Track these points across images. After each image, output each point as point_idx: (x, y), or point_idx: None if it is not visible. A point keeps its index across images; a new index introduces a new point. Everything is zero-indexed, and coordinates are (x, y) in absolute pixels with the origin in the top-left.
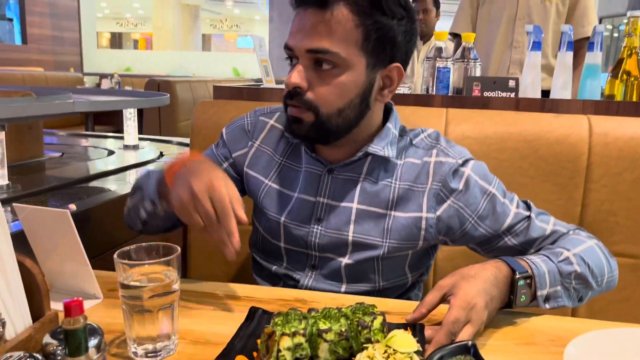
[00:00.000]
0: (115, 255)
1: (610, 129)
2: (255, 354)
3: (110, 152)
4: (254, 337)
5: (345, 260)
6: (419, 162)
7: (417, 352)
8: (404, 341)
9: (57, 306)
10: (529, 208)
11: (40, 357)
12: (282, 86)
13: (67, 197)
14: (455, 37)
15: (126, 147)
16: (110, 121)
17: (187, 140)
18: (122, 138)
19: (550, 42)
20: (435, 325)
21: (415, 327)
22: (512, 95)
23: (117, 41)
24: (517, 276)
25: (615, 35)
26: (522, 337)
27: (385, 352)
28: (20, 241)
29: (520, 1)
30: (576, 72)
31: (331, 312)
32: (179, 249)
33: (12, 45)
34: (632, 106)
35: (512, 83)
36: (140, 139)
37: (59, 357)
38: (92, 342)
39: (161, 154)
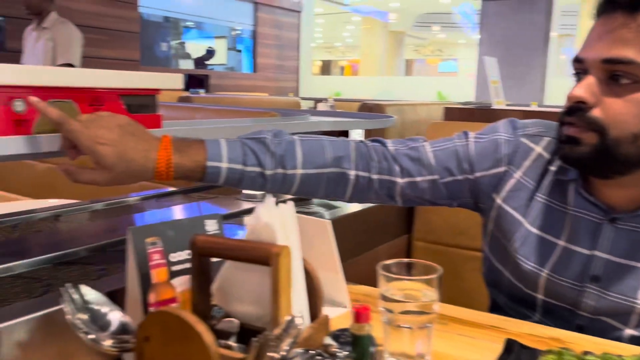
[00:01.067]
0: (378, 267)
1: None
2: None
3: None
4: None
5: (631, 331)
6: None
7: None
8: None
9: None
10: None
11: (328, 357)
12: (513, 107)
13: (308, 208)
14: None
15: None
16: None
17: None
18: None
19: None
20: None
21: None
22: None
23: (326, 68)
24: None
25: None
26: None
27: None
28: None
29: None
30: None
31: (612, 358)
32: (441, 270)
33: (243, 74)
34: None
35: None
36: None
37: None
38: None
39: None
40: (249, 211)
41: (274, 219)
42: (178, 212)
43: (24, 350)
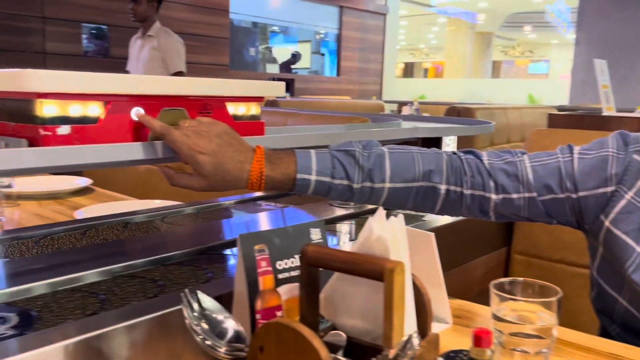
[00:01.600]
0: (491, 285)
1: None
2: None
3: None
4: None
5: None
6: None
7: None
8: None
9: None
10: None
11: None
12: (629, 114)
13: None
14: None
15: None
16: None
17: None
18: None
19: None
20: None
21: None
22: None
23: (408, 70)
24: None
25: None
26: None
27: None
28: None
29: None
30: None
31: None
32: (561, 292)
33: (327, 77)
34: None
35: None
36: None
37: None
38: None
39: None
40: (344, 218)
41: (386, 233)
42: (272, 217)
43: (138, 349)
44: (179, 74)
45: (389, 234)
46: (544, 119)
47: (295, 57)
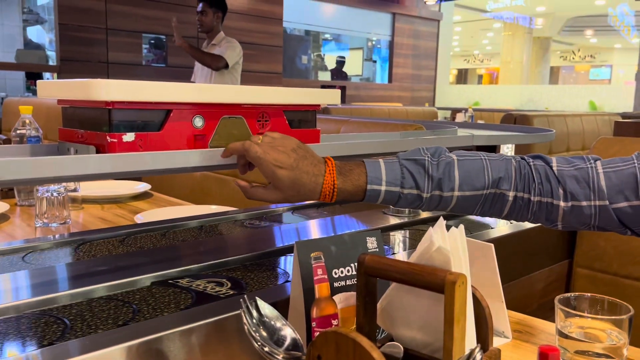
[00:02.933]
0: (556, 300)
1: None
2: None
3: None
4: None
5: None
6: None
7: None
8: None
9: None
10: None
11: None
12: None
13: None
14: None
15: None
16: None
17: None
18: None
19: None
20: None
21: None
22: None
23: (462, 77)
24: None
25: None
26: None
27: None
28: None
29: None
30: None
31: None
32: (632, 310)
33: (378, 84)
34: None
35: None
36: None
37: None
38: None
39: None
40: (398, 227)
41: (447, 244)
42: (324, 225)
43: (196, 353)
44: (218, 58)
45: (450, 245)
46: (606, 126)
47: (340, 63)
